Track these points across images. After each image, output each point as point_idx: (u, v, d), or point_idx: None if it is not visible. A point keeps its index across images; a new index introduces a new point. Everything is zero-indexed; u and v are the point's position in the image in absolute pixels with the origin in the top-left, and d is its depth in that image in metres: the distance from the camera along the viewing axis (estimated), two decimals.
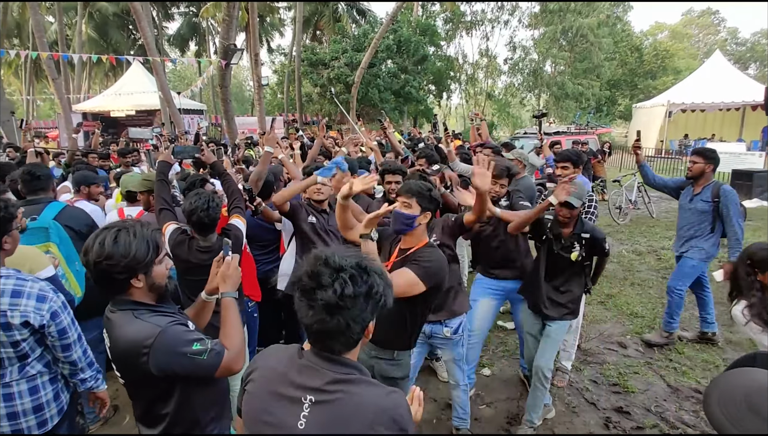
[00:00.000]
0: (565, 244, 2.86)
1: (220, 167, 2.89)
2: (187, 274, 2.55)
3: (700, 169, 3.77)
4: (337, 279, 1.05)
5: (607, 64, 26.58)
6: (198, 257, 2.48)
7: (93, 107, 20.81)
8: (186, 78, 41.49)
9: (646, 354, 4.02)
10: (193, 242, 2.51)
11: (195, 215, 2.40)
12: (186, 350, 1.41)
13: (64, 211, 2.91)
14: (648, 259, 6.57)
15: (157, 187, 2.71)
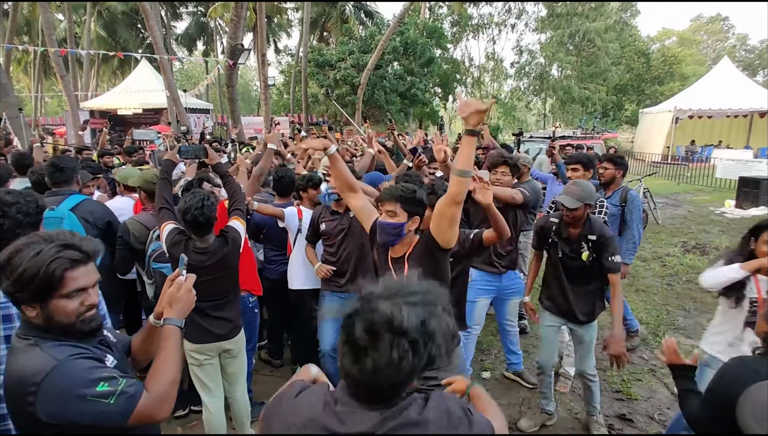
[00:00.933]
0: (573, 246, 2.83)
1: (222, 168, 2.88)
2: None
3: (611, 175, 3.84)
4: (396, 347, 0.87)
5: (614, 69, 26.52)
6: (194, 258, 2.43)
7: (101, 105, 20.94)
8: (193, 77, 41.68)
9: (649, 361, 3.99)
10: (189, 242, 2.47)
11: (189, 214, 2.35)
12: (86, 391, 1.12)
13: (83, 203, 2.99)
14: (653, 265, 6.53)
15: (159, 186, 2.70)
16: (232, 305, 2.65)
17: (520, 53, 29.65)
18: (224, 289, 2.59)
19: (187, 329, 2.54)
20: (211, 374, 2.67)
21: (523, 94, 30.74)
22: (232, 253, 2.55)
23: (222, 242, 2.52)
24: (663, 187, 13.52)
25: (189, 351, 2.59)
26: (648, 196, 9.26)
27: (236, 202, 2.76)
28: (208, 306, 2.53)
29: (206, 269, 2.45)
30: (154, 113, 21.25)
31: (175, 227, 2.53)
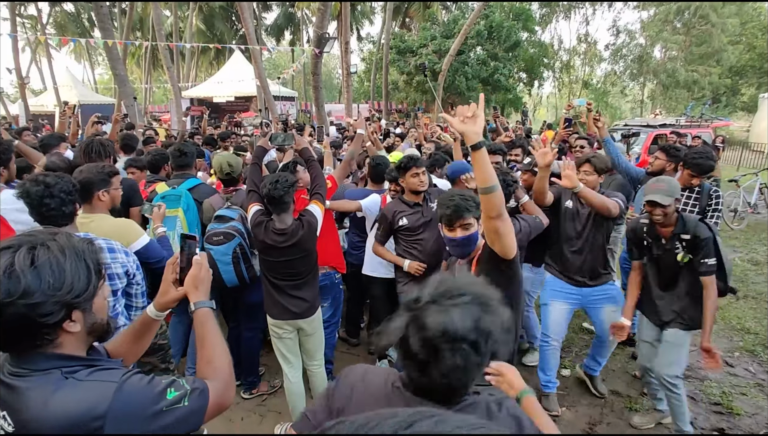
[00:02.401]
0: (666, 246, 2.63)
1: (307, 153, 2.99)
2: (264, 254, 2.70)
3: (660, 165, 3.67)
4: (455, 355, 0.88)
5: (730, 49, 23.45)
6: (272, 238, 2.59)
7: (199, 94, 22.76)
8: (280, 66, 43.69)
9: (757, 375, 3.58)
10: (270, 223, 2.61)
11: (265, 188, 2.51)
12: (160, 405, 1.00)
13: (199, 187, 3.33)
14: (766, 269, 5.79)
15: (249, 170, 2.89)
16: (309, 286, 2.76)
17: (616, 34, 27.31)
18: (301, 270, 2.71)
19: (267, 304, 2.74)
20: (290, 347, 2.84)
21: (618, 79, 28.35)
22: (308, 236, 2.64)
23: (299, 224, 2.64)
24: None
25: (270, 325, 2.80)
26: (765, 193, 8.20)
27: (317, 187, 2.86)
28: (287, 285, 2.70)
29: (284, 249, 2.60)
30: (245, 101, 22.70)
31: (260, 209, 2.69)
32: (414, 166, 3.03)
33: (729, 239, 7.10)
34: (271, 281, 2.72)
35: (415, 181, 3.05)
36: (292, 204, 2.65)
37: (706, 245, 2.52)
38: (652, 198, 2.50)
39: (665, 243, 2.64)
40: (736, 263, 6.01)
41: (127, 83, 12.66)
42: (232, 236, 2.84)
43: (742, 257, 6.28)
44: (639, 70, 26.50)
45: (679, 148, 3.71)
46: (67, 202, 1.98)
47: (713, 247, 2.54)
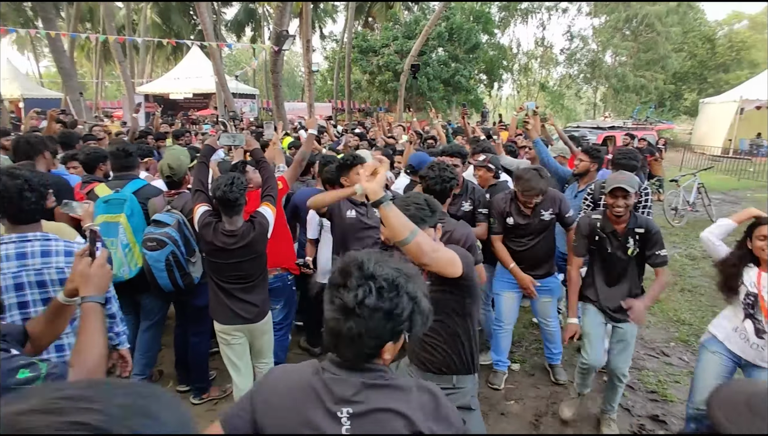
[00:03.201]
0: (621, 241, 2.76)
1: (258, 153, 2.95)
2: (211, 256, 2.63)
3: (585, 167, 3.83)
4: (363, 286, 1.00)
5: (674, 56, 24.86)
6: (222, 239, 2.54)
7: (154, 90, 21.95)
8: (241, 63, 42.74)
9: (690, 364, 3.82)
10: (219, 224, 2.56)
11: (219, 190, 2.44)
12: (9, 382, 1.08)
13: (143, 188, 3.16)
14: (702, 264, 6.18)
15: (196, 169, 2.81)
16: (259, 290, 2.72)
17: (570, 39, 28.39)
18: (251, 273, 2.66)
19: (214, 309, 2.67)
20: (239, 353, 2.77)
21: (572, 82, 29.47)
22: (259, 238, 2.61)
23: (249, 226, 2.60)
24: (721, 182, 12.68)
25: (218, 331, 2.73)
26: (702, 192, 8.74)
27: (269, 188, 2.82)
28: (235, 288, 2.64)
29: (234, 251, 2.55)
30: (203, 98, 22.10)
31: (208, 209, 2.63)
32: (359, 164, 2.97)
33: (670, 235, 7.53)
34: (219, 284, 2.66)
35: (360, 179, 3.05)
36: (244, 206, 2.61)
37: (658, 237, 2.69)
38: (620, 184, 2.59)
39: (619, 238, 2.75)
40: (675, 258, 6.39)
41: (74, 77, 12.06)
42: (164, 244, 2.74)
43: (681, 253, 6.68)
44: (592, 74, 27.66)
45: (599, 149, 3.94)
46: (44, 197, 1.90)
47: (662, 238, 2.71)
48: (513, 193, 3.26)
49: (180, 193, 3.09)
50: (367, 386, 1.04)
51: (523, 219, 3.21)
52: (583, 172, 3.85)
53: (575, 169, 3.96)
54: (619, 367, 2.86)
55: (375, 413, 1.02)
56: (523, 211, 3.20)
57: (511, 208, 3.25)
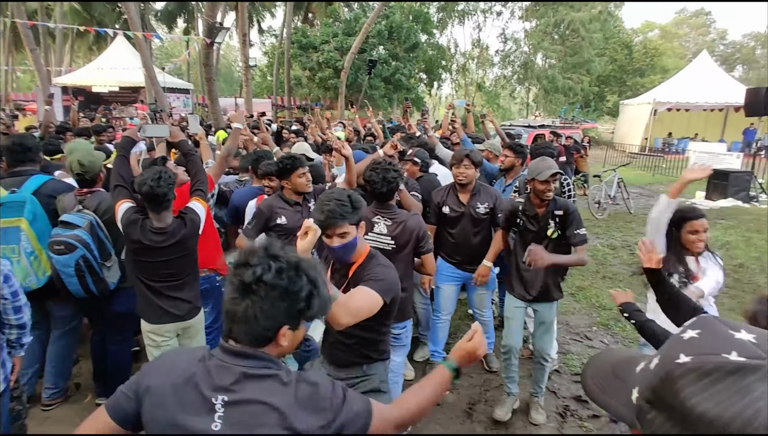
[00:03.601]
0: (541, 223, 2.89)
1: (186, 146, 2.82)
2: (138, 255, 2.48)
3: (510, 162, 4.02)
4: (262, 264, 1.02)
5: (597, 60, 26.69)
6: (150, 237, 2.40)
7: (74, 81, 20.26)
8: (174, 56, 40.56)
9: (610, 346, 4.11)
10: (146, 222, 2.42)
11: (145, 186, 2.30)
12: None
13: (47, 184, 2.87)
14: (621, 253, 6.68)
15: (116, 163, 2.62)
16: (190, 286, 2.62)
17: (505, 41, 29.58)
18: (182, 270, 2.56)
19: (143, 309, 2.53)
20: None
21: (507, 83, 30.76)
22: (190, 234, 2.52)
23: (180, 223, 2.49)
24: (638, 177, 13.77)
25: (146, 332, 2.57)
26: (622, 187, 9.44)
27: (198, 183, 2.71)
28: (166, 286, 2.52)
29: (163, 249, 2.43)
30: (131, 92, 20.69)
31: (132, 206, 2.46)
32: (300, 167, 2.96)
33: (593, 227, 8.07)
34: (147, 283, 2.50)
35: (302, 182, 2.98)
36: (173, 201, 2.47)
37: (575, 217, 2.83)
38: (555, 169, 2.74)
39: (540, 220, 2.89)
40: (597, 248, 6.86)
41: None
42: (73, 247, 2.53)
43: (603, 243, 7.18)
44: (525, 75, 29.01)
45: (523, 145, 4.19)
46: None
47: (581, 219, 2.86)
48: (452, 184, 3.38)
49: (93, 191, 2.84)
50: (247, 375, 1.03)
51: (459, 207, 3.31)
52: (509, 168, 4.02)
53: (501, 165, 4.13)
54: (542, 348, 3.04)
55: (248, 404, 1.01)
56: (460, 201, 3.31)
57: (447, 198, 3.36)
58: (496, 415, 3.10)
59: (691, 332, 0.58)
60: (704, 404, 0.50)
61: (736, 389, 0.50)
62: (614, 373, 0.66)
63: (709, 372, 0.52)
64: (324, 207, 1.82)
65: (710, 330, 0.57)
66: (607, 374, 0.67)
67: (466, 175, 3.25)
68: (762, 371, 0.50)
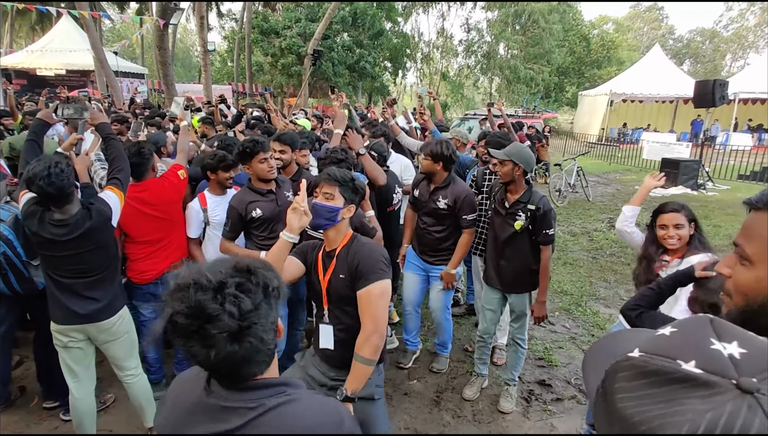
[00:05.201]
0: (509, 210, 2.86)
1: (105, 128, 2.59)
2: (42, 249, 2.28)
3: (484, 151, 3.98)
4: (226, 299, 0.81)
5: (557, 51, 27.34)
6: (50, 231, 2.19)
7: (16, 63, 18.91)
8: (126, 38, 38.54)
9: (571, 330, 4.23)
10: (46, 214, 2.20)
11: (35, 185, 2.07)
12: None
13: None
14: (581, 240, 6.89)
15: (25, 148, 2.39)
16: (104, 285, 2.39)
17: (468, 31, 29.77)
18: (93, 266, 2.32)
19: (50, 307, 2.33)
20: (79, 358, 2.44)
21: (471, 73, 31.03)
22: (98, 227, 2.28)
23: (85, 213, 2.25)
24: (596, 166, 14.25)
25: (53, 331, 2.37)
26: (581, 175, 9.73)
27: (114, 170, 2.49)
28: (76, 284, 2.30)
29: (67, 243, 2.21)
30: (80, 76, 19.51)
31: (33, 196, 2.23)
32: (261, 151, 2.71)
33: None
34: (55, 279, 2.29)
35: (263, 168, 2.74)
36: (75, 190, 2.25)
37: (548, 217, 2.80)
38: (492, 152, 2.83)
39: (508, 207, 2.86)
40: (558, 235, 7.04)
41: None
42: None
43: (563, 230, 7.38)
44: (488, 65, 29.36)
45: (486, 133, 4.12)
46: None
47: (552, 220, 2.84)
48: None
49: None
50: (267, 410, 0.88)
51: (425, 195, 3.26)
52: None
53: (477, 154, 4.04)
54: (516, 335, 3.11)
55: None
56: (428, 189, 3.25)
57: (420, 183, 3.33)
58: (465, 394, 3.21)
59: (670, 328, 0.55)
60: (627, 402, 0.49)
61: (667, 398, 0.46)
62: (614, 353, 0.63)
63: (649, 374, 0.49)
64: (331, 167, 1.93)
65: (687, 332, 0.53)
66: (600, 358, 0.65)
67: (424, 166, 3.21)
68: (714, 389, 0.45)
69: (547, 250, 2.89)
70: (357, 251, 1.85)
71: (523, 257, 2.92)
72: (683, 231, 2.21)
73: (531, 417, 3.07)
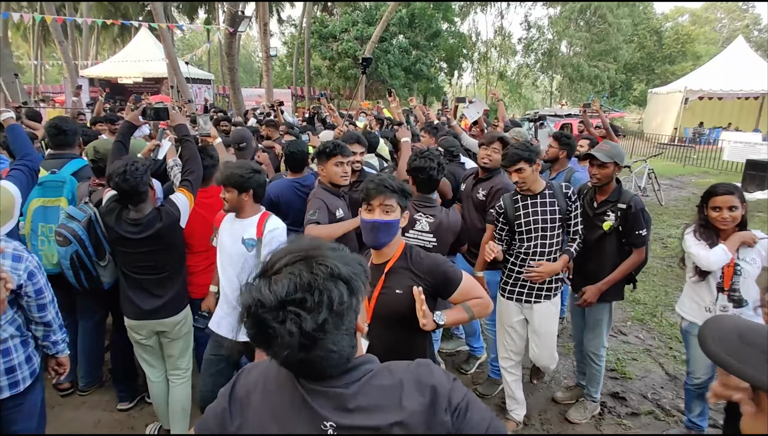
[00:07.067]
0: (597, 210, 2.72)
1: (182, 130, 2.72)
2: (116, 244, 2.42)
3: (554, 153, 3.81)
4: (285, 320, 0.77)
5: (625, 47, 25.87)
6: (125, 228, 2.33)
7: (100, 73, 20.65)
8: (195, 47, 40.95)
9: (645, 341, 3.97)
10: (123, 212, 2.35)
11: (112, 181, 2.22)
12: None
13: (86, 168, 2.91)
14: (654, 246, 6.46)
15: (113, 149, 2.56)
16: (170, 283, 2.47)
17: (528, 28, 28.93)
18: (160, 264, 2.43)
19: (122, 303, 2.46)
20: (150, 352, 2.57)
21: (530, 71, 30.12)
22: (167, 229, 2.38)
23: (156, 215, 2.37)
24: (668, 168, 13.33)
25: (128, 326, 2.51)
26: (652, 178, 9.14)
27: (186, 172, 2.60)
28: (143, 280, 2.42)
29: (138, 241, 2.34)
30: (154, 82, 20.97)
31: (114, 194, 2.39)
32: (340, 154, 2.59)
33: None
34: (126, 274, 2.44)
35: (337, 172, 2.60)
36: (150, 190, 2.38)
37: (640, 216, 2.62)
38: (592, 152, 2.64)
39: (596, 207, 2.72)
40: None
41: (7, 58, 11.12)
42: (68, 242, 2.48)
43: None
44: (548, 63, 28.37)
45: (569, 135, 3.89)
46: None
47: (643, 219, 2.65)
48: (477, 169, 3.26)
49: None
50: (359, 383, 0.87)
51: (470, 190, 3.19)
52: (553, 159, 3.81)
53: (545, 157, 3.89)
54: (588, 345, 2.93)
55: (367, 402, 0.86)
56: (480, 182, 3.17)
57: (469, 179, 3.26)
58: (556, 396, 3.20)
59: None
60: None
61: None
62: (742, 338, 0.65)
63: None
64: (376, 177, 1.78)
65: None
66: (732, 340, 0.65)
67: (492, 158, 3.07)
68: None
69: (639, 253, 2.68)
70: (420, 264, 1.72)
71: (610, 262, 2.73)
72: (737, 213, 2.31)
73: (603, 430, 2.91)
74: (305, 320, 0.77)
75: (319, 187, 2.72)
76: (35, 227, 2.73)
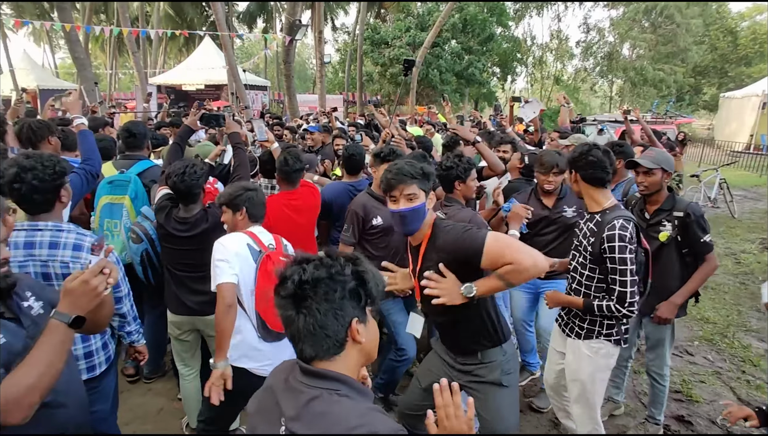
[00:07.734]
0: (650, 221, 2.57)
1: (236, 137, 2.85)
2: (163, 240, 2.54)
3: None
4: (295, 270, 0.97)
5: (694, 48, 24.23)
6: (173, 226, 2.45)
7: (166, 80, 21.99)
8: (252, 54, 42.75)
9: (715, 363, 3.69)
10: (173, 210, 2.47)
11: (170, 180, 2.35)
12: None
13: (152, 169, 3.11)
14: (725, 262, 5.99)
15: (170, 151, 2.74)
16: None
17: (587, 31, 27.84)
18: (203, 263, 2.39)
19: (167, 297, 2.56)
20: (186, 349, 2.65)
21: (588, 76, 28.95)
22: (212, 229, 2.44)
23: (203, 215, 2.47)
24: (743, 178, 12.34)
25: (169, 322, 2.61)
26: (724, 188, 8.50)
27: (236, 178, 2.71)
28: (187, 277, 2.51)
29: (184, 239, 2.45)
30: (215, 89, 22.08)
31: (168, 192, 2.51)
32: (394, 159, 2.58)
33: None
34: (171, 270, 2.56)
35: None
36: (202, 194, 2.49)
37: (702, 223, 2.47)
38: (636, 159, 2.51)
39: (649, 218, 2.58)
40: None
41: (88, 68, 12.11)
42: (140, 239, 2.66)
43: None
44: (608, 67, 27.12)
45: (622, 143, 3.59)
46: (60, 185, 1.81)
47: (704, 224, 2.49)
48: (534, 186, 3.08)
49: None
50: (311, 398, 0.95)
51: (542, 211, 2.98)
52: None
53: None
54: (650, 367, 2.78)
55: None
56: (543, 203, 3.01)
57: (530, 201, 2.98)
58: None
59: None
60: None
61: None
62: None
63: None
64: (394, 166, 1.78)
65: None
66: None
67: (553, 182, 2.88)
68: None
69: (711, 260, 2.50)
70: (446, 239, 1.74)
71: (674, 274, 2.55)
72: None
73: None
74: (305, 272, 0.96)
75: (363, 194, 2.81)
76: (102, 222, 2.95)
